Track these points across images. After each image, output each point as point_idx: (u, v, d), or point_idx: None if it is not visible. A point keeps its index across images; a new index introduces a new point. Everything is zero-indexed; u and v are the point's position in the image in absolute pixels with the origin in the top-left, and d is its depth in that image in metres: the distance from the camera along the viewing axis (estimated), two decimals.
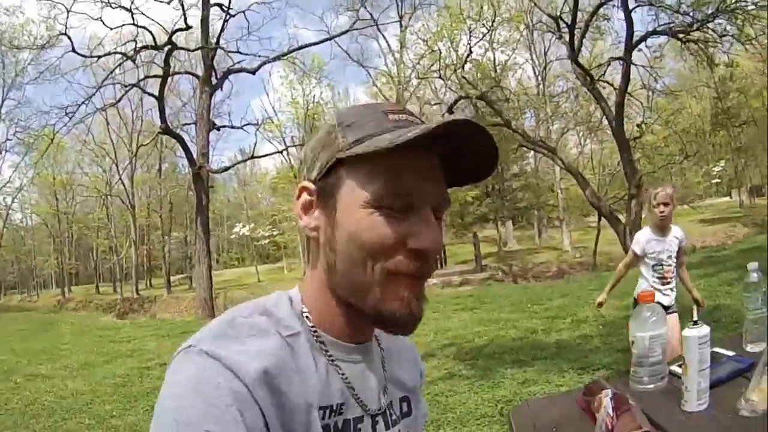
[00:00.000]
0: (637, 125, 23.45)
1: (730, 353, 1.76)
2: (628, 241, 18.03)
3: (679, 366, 1.54)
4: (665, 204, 4.29)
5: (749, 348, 1.85)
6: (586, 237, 34.13)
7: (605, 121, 21.14)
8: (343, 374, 0.83)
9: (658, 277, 4.42)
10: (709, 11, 18.02)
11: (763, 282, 1.82)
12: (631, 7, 18.79)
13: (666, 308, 4.29)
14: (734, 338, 2.05)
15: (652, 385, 1.62)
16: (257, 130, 28.59)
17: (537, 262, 30.77)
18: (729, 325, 6.40)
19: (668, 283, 4.44)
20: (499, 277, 23.64)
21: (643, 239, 4.45)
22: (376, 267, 0.78)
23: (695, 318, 1.46)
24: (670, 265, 4.41)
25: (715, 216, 39.64)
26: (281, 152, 31.45)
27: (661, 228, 4.38)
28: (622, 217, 19.06)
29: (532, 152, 31.19)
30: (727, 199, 52.69)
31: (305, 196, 0.86)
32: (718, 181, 47.58)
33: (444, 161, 0.83)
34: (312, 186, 0.85)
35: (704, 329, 1.42)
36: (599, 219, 23.32)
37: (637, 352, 1.61)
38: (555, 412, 1.60)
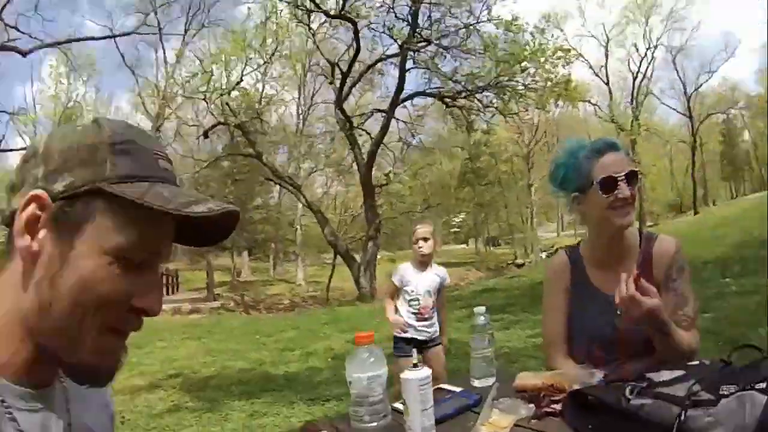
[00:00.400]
0: (386, 174, 25.02)
1: (458, 389, 1.81)
2: (362, 279, 19.15)
3: (401, 404, 1.54)
4: (424, 239, 4.27)
5: (476, 383, 1.90)
6: (321, 273, 35.04)
7: (355, 166, 22.03)
8: (19, 428, 0.72)
9: (413, 312, 4.33)
10: (480, 84, 19.64)
11: (488, 325, 1.93)
12: (408, 67, 20.11)
13: (424, 343, 4.32)
14: (462, 376, 2.10)
15: (374, 424, 1.56)
16: (9, 119, 25.98)
17: (270, 293, 31.00)
18: (459, 357, 6.62)
19: (425, 319, 4.33)
20: (231, 306, 23.23)
21: (402, 271, 4.40)
22: (95, 319, 0.72)
23: (414, 361, 1.51)
24: (427, 302, 4.32)
25: (451, 260, 43.29)
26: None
27: (421, 263, 4.34)
28: (358, 257, 19.96)
29: (278, 186, 31.39)
30: (464, 246, 58.10)
31: (33, 209, 0.73)
32: (457, 230, 52.18)
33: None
34: (47, 200, 0.73)
35: (424, 371, 1.45)
36: (335, 256, 24.22)
37: (356, 392, 1.56)
38: None
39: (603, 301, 1.91)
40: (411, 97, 21.68)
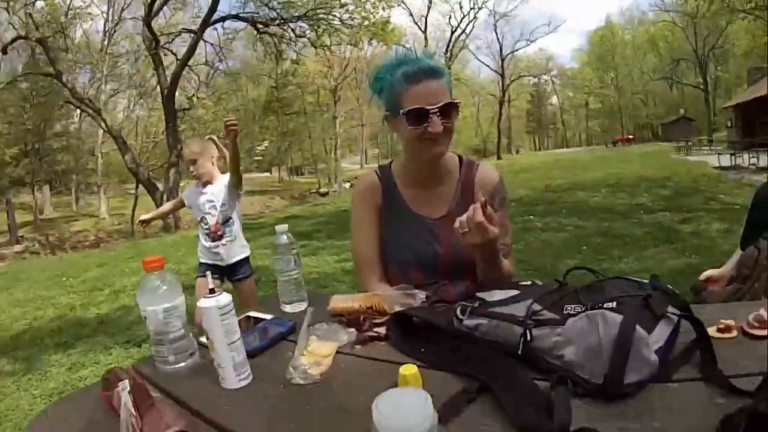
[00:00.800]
0: (189, 97, 24.06)
1: (268, 316, 1.62)
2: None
3: (207, 337, 1.32)
4: (192, 162, 4.02)
5: (287, 309, 1.74)
6: (125, 204, 33.47)
7: (159, 89, 21.00)
8: None
9: (206, 234, 4.06)
10: (295, 14, 19.30)
11: (292, 245, 1.75)
12: None
13: (231, 273, 4.12)
14: (271, 302, 1.88)
15: (181, 364, 1.37)
16: None
17: (74, 230, 29.07)
18: (269, 284, 6.82)
19: (219, 237, 4.04)
20: (35, 249, 21.56)
21: (187, 193, 4.23)
22: None
23: (211, 285, 1.26)
24: (213, 219, 4.04)
25: (254, 188, 42.95)
26: None
27: (200, 183, 4.10)
28: (161, 186, 19.30)
29: (78, 111, 29.18)
30: (267, 174, 57.75)
31: None
32: (260, 158, 51.70)
33: None
34: None
35: (224, 297, 1.24)
36: (137, 185, 23.08)
37: (153, 328, 1.35)
38: (79, 418, 1.19)
39: (419, 223, 1.87)
40: (223, 19, 20.80)
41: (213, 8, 19.27)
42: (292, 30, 20.35)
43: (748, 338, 1.19)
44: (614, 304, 1.09)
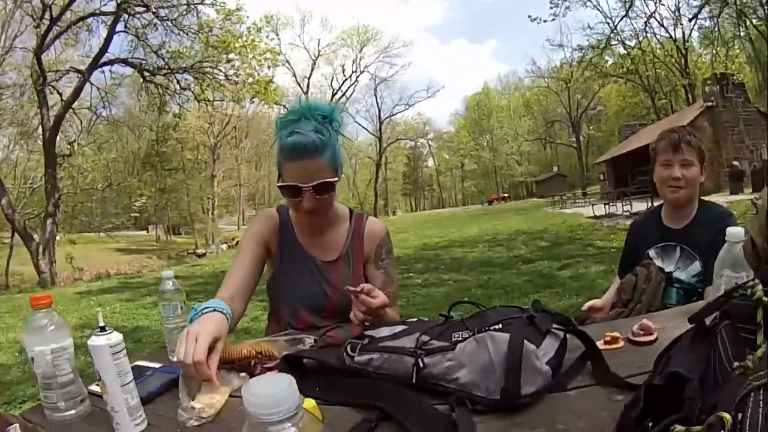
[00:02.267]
0: (70, 143, 23.31)
1: (157, 365, 1.57)
2: (41, 262, 17.59)
3: (97, 384, 1.27)
4: None
5: (175, 358, 1.52)
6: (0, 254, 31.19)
7: (41, 130, 20.32)
8: None
9: None
10: (183, 65, 19.37)
11: (178, 291, 1.72)
12: (118, 29, 18.98)
13: None
14: (156, 352, 1.92)
15: (71, 411, 1.29)
16: None
17: None
18: (151, 345, 6.69)
19: None
20: None
21: None
22: None
23: (101, 323, 1.19)
24: None
25: (131, 246, 41.38)
26: None
27: None
28: (37, 236, 18.49)
29: None
30: (144, 232, 55.82)
31: None
32: (138, 215, 50.02)
33: None
34: None
35: (115, 336, 1.18)
36: (12, 234, 21.82)
37: (41, 371, 1.27)
38: None
39: (311, 264, 1.95)
40: (112, 62, 20.36)
41: (104, 49, 18.97)
42: (178, 81, 20.26)
43: (633, 346, 1.31)
44: (500, 325, 1.15)
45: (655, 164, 2.36)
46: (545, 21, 36.36)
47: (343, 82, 64.32)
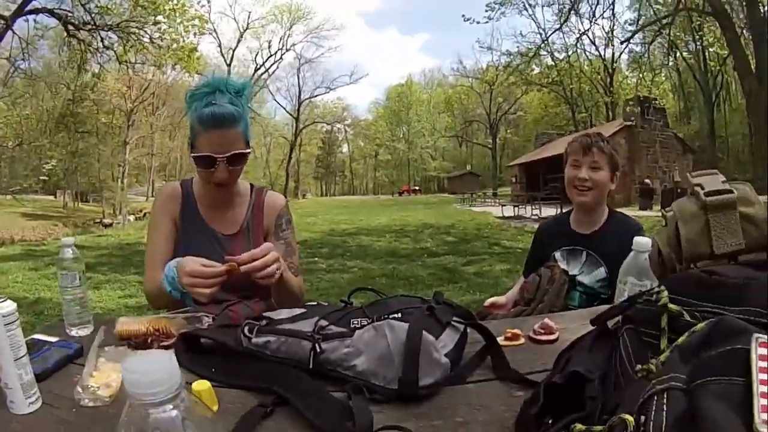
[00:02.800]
0: None
1: (54, 339, 1.47)
2: None
3: None
4: None
5: (73, 332, 1.59)
6: None
7: None
8: None
9: None
10: (109, 22, 18.90)
11: (78, 260, 1.60)
12: None
13: None
14: (54, 325, 1.76)
15: None
16: None
17: None
18: (52, 318, 6.32)
19: None
20: None
21: None
22: None
23: None
24: None
25: (37, 212, 39.87)
26: None
27: None
28: None
29: None
30: (52, 198, 53.64)
31: None
32: (46, 179, 48.14)
33: None
34: None
35: (8, 305, 1.08)
36: None
37: None
38: None
39: (212, 236, 1.98)
40: (38, 11, 19.42)
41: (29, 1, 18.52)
42: (102, 39, 19.64)
43: (534, 344, 1.32)
44: (399, 314, 1.15)
45: (565, 165, 2.40)
46: (478, 22, 37.62)
47: (268, 58, 63.61)
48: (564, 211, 2.71)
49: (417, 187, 76.63)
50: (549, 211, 19.88)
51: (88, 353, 1.30)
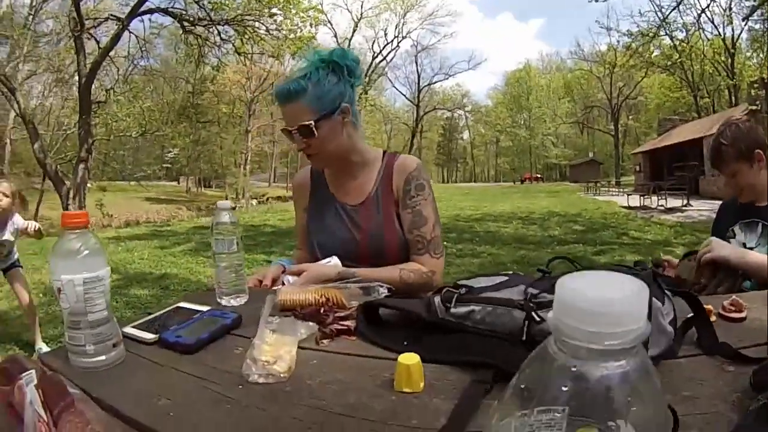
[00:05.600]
0: (106, 90, 23.37)
1: (205, 308, 1.37)
2: (71, 206, 17.49)
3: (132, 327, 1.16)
4: (4, 194, 4.49)
5: (225, 301, 1.49)
6: (29, 199, 31.27)
7: (77, 77, 20.11)
8: None
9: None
10: (224, 17, 19.12)
11: (235, 224, 1.51)
12: None
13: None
14: (203, 294, 1.76)
15: (102, 357, 1.06)
16: None
17: None
18: (178, 293, 6.74)
19: None
20: None
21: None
22: None
23: None
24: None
25: (161, 196, 41.68)
26: None
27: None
28: (68, 181, 18.42)
29: None
30: (175, 184, 56.31)
31: None
32: (169, 166, 50.34)
33: None
34: None
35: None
36: (44, 179, 21.82)
37: (68, 306, 1.04)
38: None
39: (341, 210, 1.95)
40: (151, 11, 20.06)
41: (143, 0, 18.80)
42: (218, 33, 19.98)
43: (724, 321, 1.22)
44: None
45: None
46: (597, 0, 35.65)
47: (384, 46, 63.93)
48: (692, 204, 2.70)
49: (539, 175, 75.01)
50: (675, 203, 19.56)
51: (244, 325, 1.26)
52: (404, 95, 75.58)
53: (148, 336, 1.20)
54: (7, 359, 0.91)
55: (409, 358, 0.90)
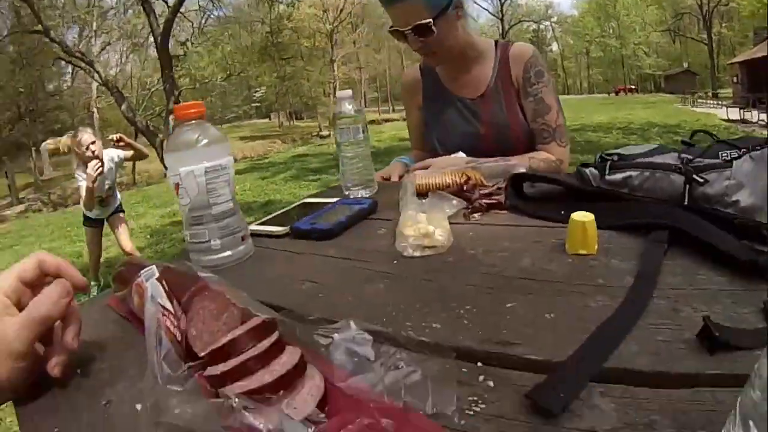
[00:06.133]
0: (182, 43, 24.08)
1: (334, 200, 1.36)
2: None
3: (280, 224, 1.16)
4: (93, 143, 4.76)
5: (353, 194, 1.45)
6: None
7: (151, 39, 20.69)
8: None
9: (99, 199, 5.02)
10: None
11: (360, 112, 1.42)
12: None
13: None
14: (330, 189, 1.71)
15: (228, 252, 1.00)
16: None
17: (76, 186, 28.78)
18: None
19: (106, 205, 5.21)
20: (37, 207, 21.29)
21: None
22: None
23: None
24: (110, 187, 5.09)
25: (255, 134, 43.01)
26: None
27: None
28: (161, 134, 19.30)
29: (69, 68, 29.23)
30: (266, 120, 57.60)
31: None
32: (258, 105, 51.48)
33: None
34: None
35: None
36: (135, 136, 23.14)
37: (188, 202, 0.97)
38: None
39: (460, 104, 1.90)
40: None
41: None
42: None
43: None
44: None
45: None
46: None
47: None
48: None
49: (633, 86, 71.61)
50: None
51: (380, 210, 1.25)
52: (487, 10, 72.96)
53: (278, 229, 1.17)
54: (124, 263, 0.85)
55: (584, 216, 0.84)
